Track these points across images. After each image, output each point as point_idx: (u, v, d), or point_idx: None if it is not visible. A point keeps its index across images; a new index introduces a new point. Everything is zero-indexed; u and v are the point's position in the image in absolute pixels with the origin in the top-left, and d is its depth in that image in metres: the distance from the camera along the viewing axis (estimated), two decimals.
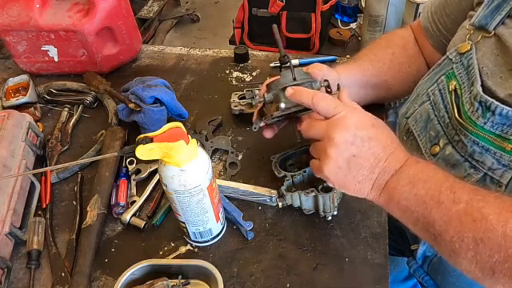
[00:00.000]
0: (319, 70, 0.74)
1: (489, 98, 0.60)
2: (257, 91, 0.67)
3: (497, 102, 0.59)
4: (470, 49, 0.66)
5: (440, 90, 0.70)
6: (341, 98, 0.64)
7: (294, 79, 0.66)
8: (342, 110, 0.59)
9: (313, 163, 0.64)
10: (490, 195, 0.53)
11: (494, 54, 0.63)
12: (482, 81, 0.63)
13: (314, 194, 0.70)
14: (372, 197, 0.61)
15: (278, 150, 0.80)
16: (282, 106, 0.64)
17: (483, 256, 0.51)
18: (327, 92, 0.67)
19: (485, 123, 0.61)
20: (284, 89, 0.65)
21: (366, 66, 0.86)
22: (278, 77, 0.67)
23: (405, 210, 0.58)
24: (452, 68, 0.69)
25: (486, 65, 0.63)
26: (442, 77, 0.70)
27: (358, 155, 0.58)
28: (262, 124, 0.72)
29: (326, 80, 0.68)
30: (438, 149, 0.69)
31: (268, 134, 0.75)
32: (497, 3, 0.64)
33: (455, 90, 0.67)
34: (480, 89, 0.61)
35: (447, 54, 0.71)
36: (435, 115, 0.71)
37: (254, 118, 0.74)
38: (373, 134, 0.59)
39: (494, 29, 0.64)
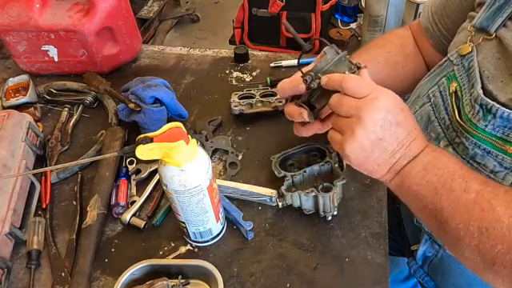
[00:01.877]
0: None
1: (489, 101, 0.60)
2: (313, 73, 0.64)
3: (497, 105, 0.59)
4: (471, 51, 0.66)
5: (441, 92, 0.70)
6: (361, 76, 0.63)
7: (338, 53, 0.64)
8: (373, 91, 0.58)
9: (333, 137, 0.61)
10: (501, 188, 0.54)
11: (496, 58, 0.63)
12: (482, 84, 0.62)
13: (314, 194, 0.70)
14: (385, 179, 0.61)
15: (278, 150, 0.80)
16: (347, 72, 0.63)
17: (486, 246, 0.51)
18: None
19: (486, 126, 0.61)
20: (335, 63, 0.63)
21: None
22: (314, 63, 0.65)
23: (415, 195, 0.58)
24: (453, 70, 0.69)
25: (487, 68, 0.63)
26: (443, 78, 0.70)
27: (383, 139, 0.57)
28: (313, 115, 0.68)
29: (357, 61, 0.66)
30: None
31: (316, 128, 0.71)
32: (498, 5, 0.64)
33: (456, 92, 0.67)
34: (481, 91, 0.61)
35: (448, 55, 0.71)
36: (436, 117, 0.71)
37: (303, 112, 0.69)
38: (401, 119, 0.58)
39: (496, 31, 0.64)
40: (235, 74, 1.07)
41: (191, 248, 0.73)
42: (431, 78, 0.74)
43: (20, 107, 0.96)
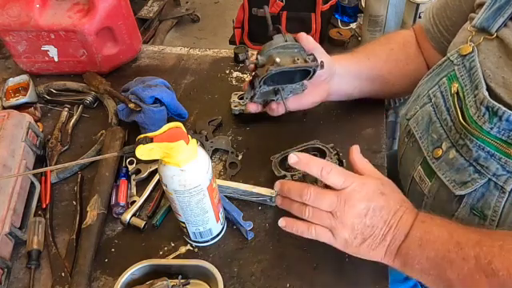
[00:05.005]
0: (306, 41, 0.73)
1: (496, 104, 0.59)
2: (250, 53, 0.71)
3: (504, 108, 0.58)
4: (472, 51, 0.65)
5: (442, 92, 0.70)
6: (352, 156, 0.66)
7: (286, 41, 0.69)
8: (352, 183, 0.60)
9: (321, 235, 0.62)
10: (495, 245, 0.54)
11: (497, 56, 0.63)
12: (486, 84, 0.62)
13: None
14: (386, 261, 0.62)
15: (278, 150, 0.80)
16: (278, 59, 0.67)
17: None
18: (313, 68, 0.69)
19: (491, 128, 0.60)
20: (277, 48, 0.69)
21: (361, 58, 0.86)
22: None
23: (421, 272, 0.59)
24: (454, 70, 0.68)
25: (488, 67, 0.63)
26: (444, 79, 0.70)
27: (371, 225, 0.60)
28: (252, 94, 0.74)
29: (311, 54, 0.70)
30: (440, 152, 0.69)
31: (252, 107, 0.78)
32: (499, 5, 0.64)
33: (457, 93, 0.66)
34: (486, 93, 0.61)
35: (448, 55, 0.70)
36: (437, 118, 0.71)
37: (244, 86, 0.77)
38: (384, 203, 0.61)
39: (497, 31, 0.64)
40: (235, 74, 1.07)
41: (191, 248, 0.73)
42: (431, 77, 0.74)
43: (20, 107, 0.96)
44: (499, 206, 0.61)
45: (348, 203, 0.60)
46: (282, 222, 0.64)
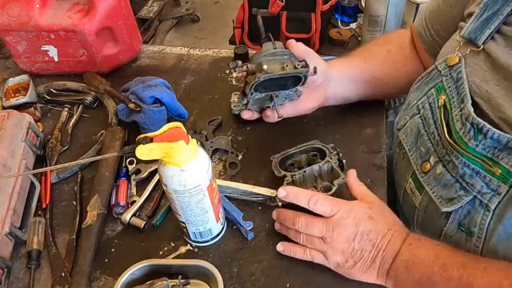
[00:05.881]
0: (296, 48, 0.73)
1: (481, 121, 0.58)
2: (240, 62, 0.71)
3: (489, 126, 0.57)
4: (459, 61, 0.64)
5: (430, 104, 0.69)
6: (349, 179, 0.70)
7: (275, 48, 0.70)
8: (339, 210, 0.64)
9: (315, 257, 0.67)
10: (479, 268, 0.56)
11: (482, 70, 0.62)
12: (472, 99, 0.61)
13: None
14: (380, 282, 0.64)
15: (278, 150, 0.80)
16: (265, 67, 0.68)
17: None
18: (303, 78, 0.70)
19: (476, 146, 0.59)
20: (266, 55, 0.69)
21: (357, 61, 0.86)
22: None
23: None
24: (441, 81, 0.67)
25: (473, 81, 0.62)
26: (432, 89, 0.69)
27: (360, 249, 0.63)
28: (244, 101, 0.75)
29: (303, 60, 0.70)
30: (428, 166, 0.67)
31: (246, 115, 0.79)
32: (486, 16, 0.62)
33: (444, 105, 0.65)
34: (471, 109, 0.60)
35: (436, 64, 0.69)
36: (425, 130, 0.69)
37: (238, 96, 0.78)
38: (371, 227, 0.64)
39: (484, 43, 0.62)
40: (235, 74, 1.07)
41: (191, 248, 0.73)
42: (420, 86, 0.72)
43: (20, 107, 0.96)
44: (484, 223, 0.59)
45: (336, 229, 0.63)
46: (280, 247, 0.70)
